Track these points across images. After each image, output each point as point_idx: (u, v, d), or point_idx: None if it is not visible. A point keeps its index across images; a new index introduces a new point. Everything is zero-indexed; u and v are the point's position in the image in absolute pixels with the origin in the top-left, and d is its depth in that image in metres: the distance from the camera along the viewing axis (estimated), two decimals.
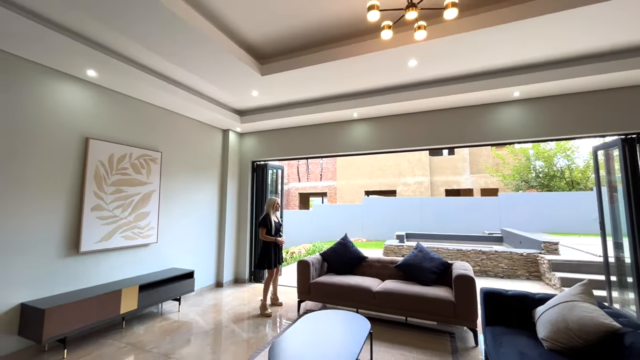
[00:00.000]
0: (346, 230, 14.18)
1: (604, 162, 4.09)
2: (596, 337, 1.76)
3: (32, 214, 2.79)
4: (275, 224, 4.01)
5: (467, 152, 15.97)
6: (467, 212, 11.83)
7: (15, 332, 2.64)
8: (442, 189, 16.09)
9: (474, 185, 15.54)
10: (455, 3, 1.68)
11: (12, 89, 2.67)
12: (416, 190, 16.09)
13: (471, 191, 15.91)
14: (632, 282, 3.49)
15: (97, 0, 2.13)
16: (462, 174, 15.81)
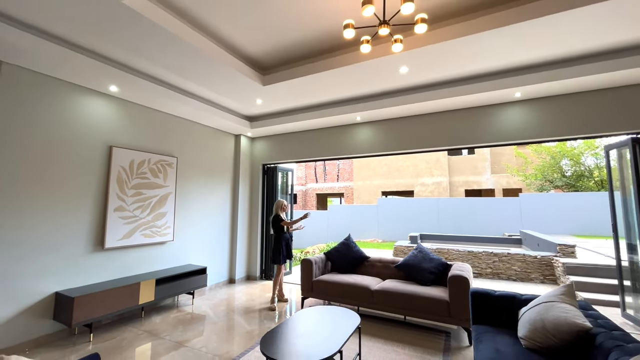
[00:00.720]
0: (362, 231, 14.23)
1: (617, 161, 3.95)
2: (570, 337, 1.80)
3: (64, 215, 3.19)
4: (282, 221, 4.25)
5: (488, 152, 15.47)
6: (486, 213, 11.50)
7: (50, 317, 3.04)
8: (461, 189, 15.68)
9: (496, 185, 15.01)
10: (425, 19, 1.79)
11: (43, 103, 3.08)
12: (434, 191, 15.80)
13: (492, 191, 15.38)
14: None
15: (119, 31, 2.44)
16: (482, 174, 15.32)
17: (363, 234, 13.89)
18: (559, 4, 2.23)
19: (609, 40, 2.73)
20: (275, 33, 2.78)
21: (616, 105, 3.42)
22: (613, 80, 3.21)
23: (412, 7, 1.68)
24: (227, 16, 2.56)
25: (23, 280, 2.89)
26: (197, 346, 2.95)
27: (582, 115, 3.55)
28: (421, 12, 2.30)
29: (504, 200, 11.54)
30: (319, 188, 20.13)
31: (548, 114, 3.69)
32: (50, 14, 2.28)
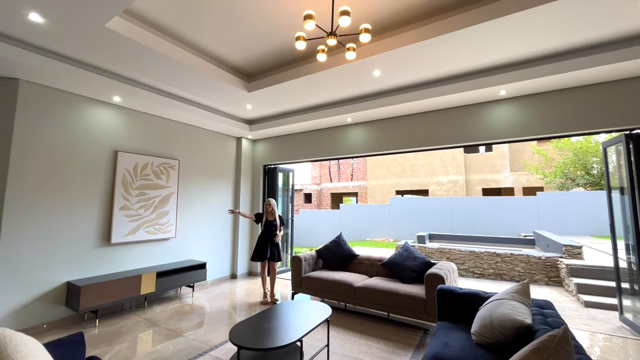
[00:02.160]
0: (373, 230, 14.21)
1: (615, 159, 3.78)
2: (512, 333, 1.85)
3: (76, 213, 3.58)
4: (267, 221, 4.41)
5: (507, 149, 14.87)
6: (501, 213, 11.11)
7: (63, 303, 3.43)
8: (478, 188, 15.20)
9: (515, 184, 14.41)
10: (368, 29, 1.90)
11: (56, 114, 3.47)
12: (450, 190, 15.43)
13: (512, 190, 14.78)
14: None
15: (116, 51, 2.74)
16: (501, 172, 14.76)
17: (375, 233, 13.87)
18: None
19: (591, 36, 2.66)
20: (253, 44, 2.98)
21: (608, 101, 3.30)
22: (602, 75, 3.11)
23: (348, 21, 1.81)
24: (209, 32, 2.79)
25: (40, 270, 3.29)
26: (186, 334, 3.22)
27: (572, 111, 3.45)
28: (390, 15, 2.40)
29: (520, 199, 11.09)
30: (333, 187, 20.25)
31: (537, 111, 3.61)
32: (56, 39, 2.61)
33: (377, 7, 2.42)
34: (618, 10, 2.29)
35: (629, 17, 2.38)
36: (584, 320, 3.76)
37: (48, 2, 2.07)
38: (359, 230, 14.26)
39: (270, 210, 4.44)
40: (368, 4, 2.37)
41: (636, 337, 3.16)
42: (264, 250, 4.32)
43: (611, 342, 3.05)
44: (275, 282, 5.21)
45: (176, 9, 2.47)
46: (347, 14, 1.81)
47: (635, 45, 2.75)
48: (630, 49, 2.78)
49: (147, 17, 2.57)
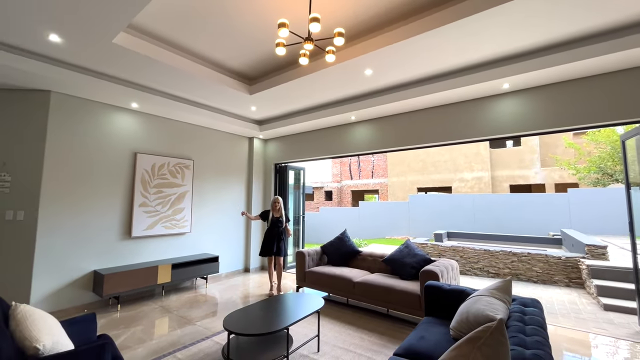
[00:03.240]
0: (393, 228, 14.04)
1: (636, 151, 3.52)
2: None
3: (100, 209, 3.99)
4: (273, 218, 4.60)
5: (538, 143, 14.00)
6: (528, 211, 10.53)
7: (90, 289, 3.85)
8: (505, 184, 14.47)
9: (547, 180, 13.55)
10: (342, 33, 1.98)
11: (82, 120, 3.88)
12: (474, 187, 14.83)
13: (543, 187, 13.90)
14: None
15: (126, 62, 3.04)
16: (530, 168, 13.94)
17: (394, 231, 13.71)
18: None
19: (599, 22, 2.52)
20: (249, 49, 3.15)
21: (625, 90, 3.07)
22: (617, 62, 2.89)
23: (318, 27, 1.89)
24: (207, 40, 2.99)
25: (71, 259, 3.72)
26: (195, 321, 3.49)
27: (587, 102, 3.26)
28: (377, 14, 2.45)
29: (549, 196, 10.44)
30: (353, 185, 20.21)
31: (547, 104, 3.45)
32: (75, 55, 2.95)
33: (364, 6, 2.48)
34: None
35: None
36: (599, 324, 3.56)
37: (60, 24, 2.37)
38: (378, 228, 14.16)
39: (278, 207, 4.63)
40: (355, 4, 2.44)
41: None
42: (270, 245, 4.52)
43: (621, 347, 2.89)
44: (283, 276, 5.42)
45: (174, 21, 2.69)
46: (317, 21, 1.90)
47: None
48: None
49: (149, 30, 2.82)
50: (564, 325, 3.43)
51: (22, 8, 2.19)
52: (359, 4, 2.43)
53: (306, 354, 2.70)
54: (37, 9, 2.19)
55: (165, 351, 2.77)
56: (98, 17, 2.27)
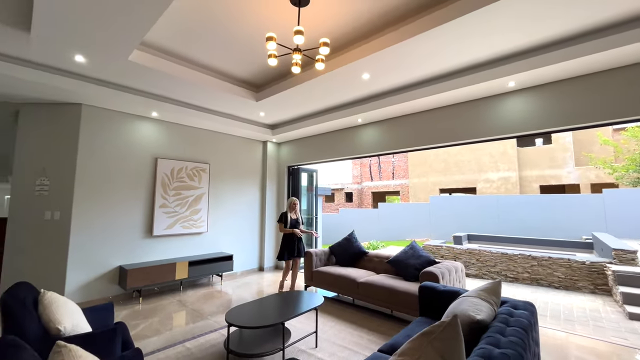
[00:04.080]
0: (413, 230, 13.77)
1: None
2: (467, 328, 1.87)
3: (125, 210, 4.37)
4: (292, 220, 4.58)
5: (570, 140, 13.12)
6: (558, 213, 9.91)
7: (116, 283, 4.23)
8: (535, 185, 13.69)
9: (581, 179, 12.65)
10: (327, 43, 2.08)
11: (110, 129, 4.28)
12: (500, 187, 14.17)
13: (577, 187, 12.99)
14: None
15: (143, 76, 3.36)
16: (563, 167, 13.09)
17: (415, 233, 13.44)
18: None
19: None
20: (252, 60, 3.35)
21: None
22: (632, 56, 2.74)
23: (302, 39, 2.02)
24: (213, 53, 3.23)
25: (99, 255, 4.12)
26: (206, 314, 3.73)
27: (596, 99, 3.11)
28: (370, 20, 2.54)
29: (581, 197, 9.77)
30: (374, 186, 20.05)
31: (552, 102, 3.32)
32: (99, 72, 3.30)
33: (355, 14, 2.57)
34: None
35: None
36: (620, 333, 3.35)
37: (82, 47, 2.69)
38: (398, 230, 13.97)
39: (296, 209, 4.63)
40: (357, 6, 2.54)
41: None
42: (292, 247, 4.46)
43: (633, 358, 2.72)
44: None
45: (183, 37, 2.94)
46: (301, 33, 2.03)
47: None
48: None
49: (161, 47, 3.10)
50: (579, 333, 3.27)
51: (54, 34, 2.52)
52: (349, 13, 2.52)
53: (304, 348, 2.81)
54: (64, 35, 2.51)
55: (177, 341, 3.01)
56: (112, 39, 2.56)
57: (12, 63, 3.09)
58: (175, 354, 2.74)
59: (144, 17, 2.23)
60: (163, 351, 2.80)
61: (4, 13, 2.43)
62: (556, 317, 3.84)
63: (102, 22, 2.33)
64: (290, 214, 4.57)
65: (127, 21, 2.30)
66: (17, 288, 2.02)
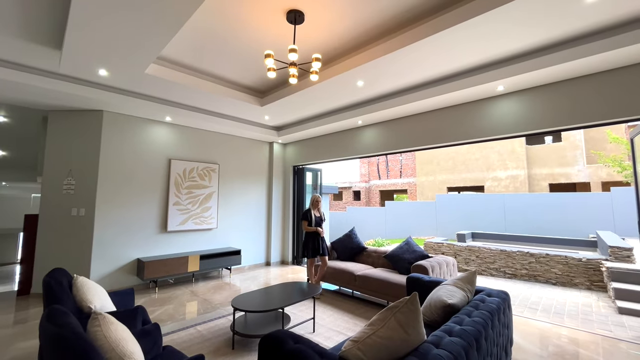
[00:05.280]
0: (419, 228, 13.87)
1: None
2: (441, 311, 2.11)
3: (142, 207, 4.76)
4: (316, 218, 4.41)
5: (581, 138, 12.93)
6: (565, 212, 9.86)
7: (134, 274, 4.62)
8: (544, 183, 13.56)
9: (592, 177, 12.47)
10: (319, 58, 2.34)
11: (128, 133, 4.67)
12: (509, 186, 14.09)
13: (588, 186, 12.80)
14: None
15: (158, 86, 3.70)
16: (573, 165, 12.92)
17: (421, 231, 13.55)
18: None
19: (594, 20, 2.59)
20: (256, 69, 3.64)
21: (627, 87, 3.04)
22: (617, 60, 2.87)
23: (295, 56, 2.28)
24: (220, 63, 3.53)
25: (119, 248, 4.52)
26: (215, 303, 4.07)
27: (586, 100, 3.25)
28: (364, 32, 2.80)
29: (589, 195, 9.69)
30: (381, 185, 20.16)
31: (540, 105, 3.48)
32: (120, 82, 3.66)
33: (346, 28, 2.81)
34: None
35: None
36: (606, 326, 3.50)
37: (106, 63, 3.04)
38: (405, 228, 14.09)
39: (319, 206, 4.49)
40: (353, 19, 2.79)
41: None
42: (316, 245, 4.31)
43: (616, 347, 2.88)
44: (297, 269, 5.86)
45: (193, 51, 3.26)
46: (295, 51, 2.29)
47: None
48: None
49: (173, 59, 3.43)
50: (565, 325, 3.44)
51: (81, 52, 2.87)
52: (341, 28, 2.77)
53: (302, 333, 3.09)
54: (90, 53, 2.86)
55: (189, 325, 3.35)
56: (132, 56, 2.90)
57: (43, 76, 3.48)
58: (187, 334, 3.07)
59: (159, 38, 2.55)
60: (177, 333, 3.13)
61: (39, 35, 2.79)
62: (547, 311, 4.00)
63: (123, 43, 2.66)
64: (314, 212, 4.42)
65: (145, 41, 2.62)
66: (55, 272, 2.38)
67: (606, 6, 2.31)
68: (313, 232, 4.33)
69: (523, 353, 2.75)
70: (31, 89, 3.53)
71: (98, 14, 2.26)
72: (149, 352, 1.90)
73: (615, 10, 2.37)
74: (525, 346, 2.88)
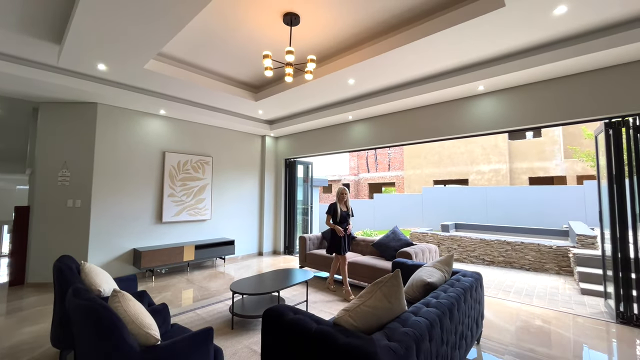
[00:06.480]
0: (406, 219, 14.33)
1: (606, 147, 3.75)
2: (422, 289, 2.38)
3: (138, 199, 4.85)
4: (342, 212, 4.03)
5: (559, 134, 13.57)
6: (543, 203, 10.45)
7: (131, 263, 4.75)
8: (524, 177, 14.20)
9: (568, 172, 13.16)
10: (313, 59, 2.53)
11: (123, 126, 4.73)
12: (492, 179, 14.69)
13: (564, 179, 13.51)
14: (613, 275, 3.33)
15: (155, 80, 3.78)
16: (551, 160, 13.58)
17: (408, 222, 14.00)
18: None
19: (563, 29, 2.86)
20: (251, 66, 3.78)
21: (590, 90, 3.36)
22: (582, 65, 3.17)
23: (292, 58, 2.46)
24: (216, 60, 3.65)
25: (116, 238, 4.62)
26: (212, 289, 4.26)
27: (554, 101, 3.57)
28: (354, 34, 2.99)
29: (564, 188, 10.29)
30: (370, 178, 20.54)
31: (520, 103, 3.78)
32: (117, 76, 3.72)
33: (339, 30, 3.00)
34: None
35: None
36: (568, 305, 3.89)
37: (105, 57, 3.12)
38: (392, 219, 14.51)
39: (346, 199, 4.09)
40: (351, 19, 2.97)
41: (604, 319, 3.28)
42: (343, 242, 3.98)
43: (572, 321, 3.25)
44: (289, 259, 6.08)
45: (191, 48, 3.36)
46: (292, 53, 2.47)
47: (608, 35, 2.81)
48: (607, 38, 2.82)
49: (172, 55, 3.52)
50: (534, 305, 3.81)
51: (83, 48, 2.95)
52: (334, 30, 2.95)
53: None
54: (92, 49, 2.94)
55: (189, 309, 3.54)
56: (133, 53, 2.99)
57: (38, 68, 3.51)
58: (187, 317, 3.27)
59: (162, 36, 2.67)
60: (177, 316, 3.32)
61: (37, 28, 2.84)
62: (518, 293, 4.38)
63: (126, 40, 2.76)
64: (340, 205, 4.04)
65: (148, 39, 2.73)
66: (64, 258, 2.52)
67: (571, 18, 2.57)
68: (339, 226, 3.96)
69: (495, 328, 3.09)
70: (23, 80, 3.56)
71: (105, 11, 2.36)
72: (159, 328, 2.10)
73: (579, 22, 2.64)
74: (497, 322, 3.22)
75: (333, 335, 1.44)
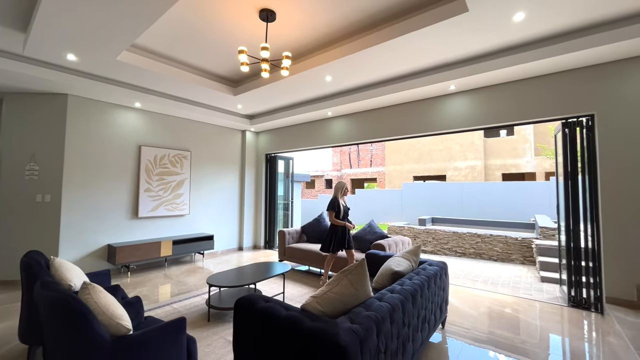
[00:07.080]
0: (386, 214, 14.69)
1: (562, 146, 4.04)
2: (390, 278, 2.52)
3: (112, 193, 4.74)
4: (344, 207, 3.99)
5: (531, 132, 14.27)
6: (513, 198, 11.01)
7: (105, 259, 4.65)
8: (498, 173, 14.86)
9: (537, 168, 13.89)
10: (289, 56, 2.58)
11: (96, 119, 4.59)
12: (468, 175, 15.27)
13: (534, 175, 14.26)
14: (566, 263, 3.62)
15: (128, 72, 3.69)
16: (523, 157, 14.28)
17: (388, 217, 14.35)
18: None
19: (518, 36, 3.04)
20: (228, 60, 3.77)
21: (548, 92, 3.60)
22: (543, 68, 3.38)
23: (267, 54, 2.51)
24: (192, 53, 3.62)
25: (89, 234, 4.51)
26: (190, 284, 4.26)
27: (517, 102, 3.79)
28: (331, 32, 3.05)
29: (533, 184, 10.88)
30: (353, 173, 20.79)
31: (487, 102, 3.99)
32: (88, 67, 3.61)
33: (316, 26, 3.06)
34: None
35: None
36: (528, 292, 4.19)
37: (75, 47, 3.03)
38: (373, 214, 14.79)
39: (346, 194, 4.04)
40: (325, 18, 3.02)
41: (558, 304, 3.58)
42: (342, 238, 3.90)
43: (529, 305, 3.53)
44: (269, 253, 6.13)
45: (167, 40, 3.31)
46: (267, 49, 2.51)
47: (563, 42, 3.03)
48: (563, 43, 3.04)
49: (146, 47, 3.46)
50: (498, 292, 4.08)
51: (50, 37, 2.84)
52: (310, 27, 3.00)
53: None
54: (60, 38, 2.84)
55: (165, 303, 3.54)
56: (104, 43, 2.92)
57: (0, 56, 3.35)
58: (163, 311, 3.28)
59: (134, 28, 2.63)
60: (153, 310, 3.32)
61: (1, 16, 2.72)
62: (485, 282, 4.67)
63: (96, 31, 2.70)
64: (341, 200, 3.96)
65: (119, 30, 2.67)
66: (32, 253, 2.47)
67: (529, 25, 2.76)
68: (341, 225, 3.89)
69: (460, 314, 3.30)
70: None
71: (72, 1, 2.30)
72: (132, 320, 2.12)
73: (536, 28, 2.84)
74: (462, 308, 3.44)
75: (300, 320, 1.53)
